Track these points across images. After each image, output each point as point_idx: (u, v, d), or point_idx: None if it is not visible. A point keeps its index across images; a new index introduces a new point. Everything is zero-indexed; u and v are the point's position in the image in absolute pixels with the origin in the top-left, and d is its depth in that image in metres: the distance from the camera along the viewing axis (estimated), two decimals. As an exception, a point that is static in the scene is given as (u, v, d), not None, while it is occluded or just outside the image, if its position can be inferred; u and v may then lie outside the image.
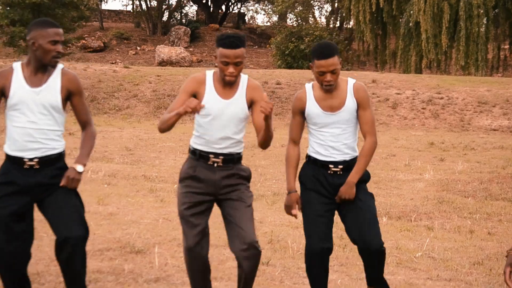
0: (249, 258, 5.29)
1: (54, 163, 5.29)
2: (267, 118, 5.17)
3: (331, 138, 5.55)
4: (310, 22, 43.72)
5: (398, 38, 37.57)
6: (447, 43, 34.62)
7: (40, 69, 5.25)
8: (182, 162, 14.29)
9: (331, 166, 5.58)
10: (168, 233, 8.36)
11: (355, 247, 7.26)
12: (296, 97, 5.71)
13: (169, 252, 7.52)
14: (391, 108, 24.55)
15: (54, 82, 5.26)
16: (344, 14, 42.96)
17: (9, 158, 5.28)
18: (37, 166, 5.22)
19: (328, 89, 5.48)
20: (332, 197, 5.61)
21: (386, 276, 6.92)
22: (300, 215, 5.70)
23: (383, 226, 9.19)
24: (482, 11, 34.71)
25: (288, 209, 5.72)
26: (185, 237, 5.44)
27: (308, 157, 5.69)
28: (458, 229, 9.18)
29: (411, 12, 35.25)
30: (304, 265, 5.76)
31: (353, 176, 5.54)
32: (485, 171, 14.17)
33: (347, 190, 5.52)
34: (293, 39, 39.29)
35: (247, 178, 5.52)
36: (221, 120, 5.35)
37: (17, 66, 5.30)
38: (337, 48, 5.52)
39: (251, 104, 5.43)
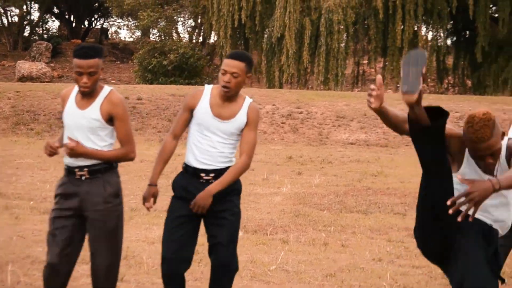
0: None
1: None
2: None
3: (210, 143, 5.57)
4: (174, 37, 43.69)
5: (260, 53, 37.98)
6: (308, 59, 35.22)
7: None
8: (39, 178, 14.06)
9: (202, 174, 5.60)
10: (22, 251, 8.18)
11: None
12: (191, 94, 5.72)
13: (22, 270, 7.36)
14: (252, 122, 24.77)
15: None
16: (206, 30, 43.12)
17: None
18: None
19: (226, 93, 5.51)
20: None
21: (240, 290, 6.98)
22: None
23: (239, 240, 9.23)
24: (342, 27, 35.48)
25: (144, 200, 5.76)
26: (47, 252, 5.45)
27: (184, 166, 5.69)
28: (313, 242, 9.33)
29: (273, 28, 35.69)
30: (158, 280, 5.74)
31: (214, 187, 5.53)
32: (341, 184, 14.47)
33: (203, 197, 5.50)
34: (156, 54, 39.16)
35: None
36: (74, 130, 5.37)
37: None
38: (250, 58, 5.67)
39: (110, 118, 5.40)
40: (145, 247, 8.64)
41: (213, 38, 43.84)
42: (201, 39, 47.33)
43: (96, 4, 52.88)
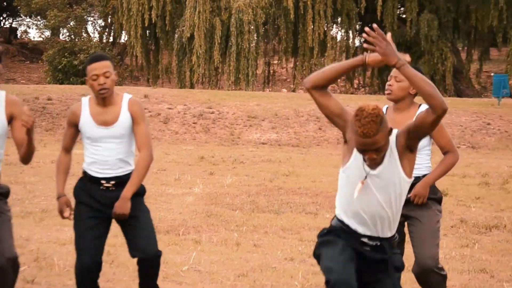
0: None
1: None
2: (29, 132, 5.09)
3: (104, 152, 5.57)
4: (84, 37, 43.21)
5: (171, 53, 37.84)
6: (219, 59, 35.26)
7: None
8: None
9: (103, 182, 5.60)
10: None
11: (122, 262, 7.23)
12: (71, 110, 5.69)
13: None
14: (162, 123, 24.69)
15: None
16: (117, 29, 42.77)
17: None
18: None
19: (104, 94, 5.50)
20: (105, 210, 5.61)
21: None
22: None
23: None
24: (252, 27, 35.63)
25: (60, 214, 5.71)
26: None
27: (83, 172, 5.68)
28: (225, 242, 9.33)
29: (184, 28, 35.61)
30: (70, 282, 5.68)
31: (127, 191, 5.55)
32: (253, 184, 14.52)
33: (121, 205, 5.53)
34: (66, 54, 38.70)
35: (5, 194, 5.43)
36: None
37: None
38: (108, 56, 5.73)
39: (10, 120, 5.33)
40: (57, 249, 8.52)
41: (123, 38, 43.54)
42: (111, 39, 46.94)
43: (5, 3, 51.92)
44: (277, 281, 7.52)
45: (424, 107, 5.79)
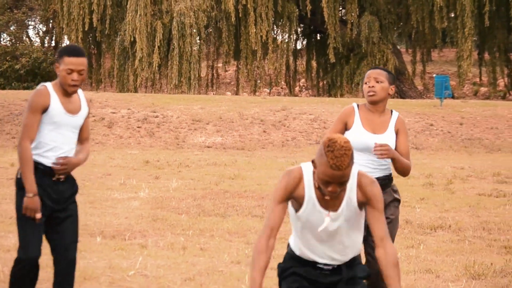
0: None
1: None
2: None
3: (64, 139, 5.63)
4: (25, 41, 42.75)
5: (113, 57, 37.61)
6: (159, 62, 35.13)
7: None
8: None
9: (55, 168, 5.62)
10: None
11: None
12: (40, 95, 5.61)
13: None
14: (106, 127, 24.50)
15: None
16: (58, 34, 42.38)
17: None
18: None
19: (75, 88, 5.59)
20: (54, 206, 5.61)
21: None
22: None
23: (97, 245, 9.15)
24: (194, 30, 35.57)
25: (33, 212, 5.50)
26: None
27: (35, 163, 5.58)
28: (172, 246, 9.29)
29: (125, 31, 35.42)
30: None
31: (77, 159, 5.74)
32: (198, 187, 14.48)
33: (67, 161, 5.61)
34: (8, 58, 38.28)
35: None
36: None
37: None
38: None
39: None
40: (1, 255, 8.40)
41: (65, 42, 43.14)
42: (53, 43, 46.51)
43: None
44: (224, 284, 7.51)
45: (395, 114, 5.88)
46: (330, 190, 4.23)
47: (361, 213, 4.46)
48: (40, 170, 5.58)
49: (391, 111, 5.98)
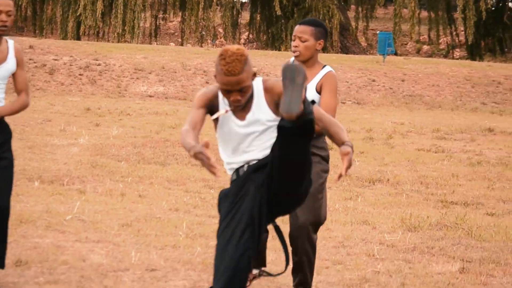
0: None
1: None
2: None
3: None
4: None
5: (56, 4, 37.01)
6: (103, 10, 34.69)
7: None
8: None
9: None
10: None
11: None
12: None
13: None
14: (48, 74, 24.18)
15: None
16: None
17: None
18: None
19: (2, 31, 5.47)
20: None
21: (35, 239, 6.88)
22: None
23: (34, 190, 9.09)
24: (140, -20, 35.19)
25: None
26: None
27: None
28: (110, 192, 9.28)
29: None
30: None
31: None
32: (139, 135, 14.43)
33: None
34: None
35: None
36: None
37: None
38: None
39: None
40: None
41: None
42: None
43: None
44: (161, 231, 7.54)
45: (325, 70, 5.84)
46: (232, 99, 4.32)
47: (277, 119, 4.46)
48: None
49: (323, 66, 5.94)
